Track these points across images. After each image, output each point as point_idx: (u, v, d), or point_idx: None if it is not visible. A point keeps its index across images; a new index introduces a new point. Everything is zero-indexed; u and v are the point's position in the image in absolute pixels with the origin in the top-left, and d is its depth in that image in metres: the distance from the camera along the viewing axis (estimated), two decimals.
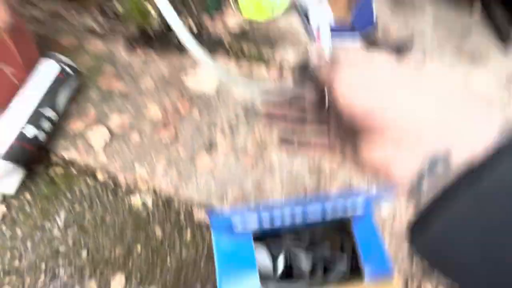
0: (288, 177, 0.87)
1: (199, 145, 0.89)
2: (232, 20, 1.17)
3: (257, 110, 0.98)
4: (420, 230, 0.17)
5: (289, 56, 1.11)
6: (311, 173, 0.89)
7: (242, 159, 0.88)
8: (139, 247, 0.73)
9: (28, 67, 0.81)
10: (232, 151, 0.89)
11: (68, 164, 0.82)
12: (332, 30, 1.15)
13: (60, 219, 0.74)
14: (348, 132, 0.23)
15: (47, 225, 0.72)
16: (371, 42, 1.20)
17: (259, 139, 0.93)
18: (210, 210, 0.78)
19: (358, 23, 1.14)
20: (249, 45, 1.10)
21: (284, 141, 0.30)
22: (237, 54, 1.11)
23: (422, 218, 0.17)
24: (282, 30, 1.22)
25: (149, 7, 0.93)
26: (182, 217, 0.78)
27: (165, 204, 0.80)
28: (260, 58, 1.11)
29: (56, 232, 0.72)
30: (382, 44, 1.19)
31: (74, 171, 0.81)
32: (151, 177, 0.82)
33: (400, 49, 1.20)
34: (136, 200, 0.79)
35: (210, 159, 0.86)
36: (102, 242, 0.72)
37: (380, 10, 1.41)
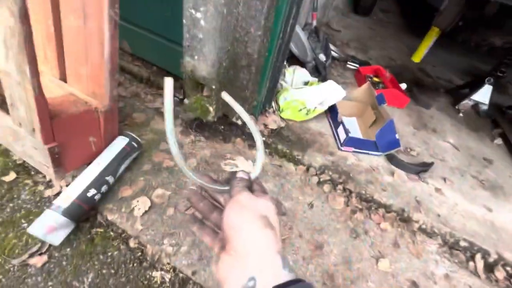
0: None
1: None
2: (271, 118, 1.39)
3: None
4: None
5: (316, 160, 1.25)
6: (324, 283, 0.90)
7: None
8: None
9: (108, 139, 1.01)
10: None
11: (108, 225, 0.92)
12: (359, 141, 1.31)
13: (88, 280, 0.80)
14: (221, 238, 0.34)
15: (75, 284, 0.79)
16: (394, 161, 1.32)
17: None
18: None
19: (381, 143, 1.29)
20: (282, 145, 1.27)
21: (194, 218, 0.40)
22: (271, 152, 1.28)
23: None
24: (313, 133, 1.40)
25: (210, 107, 1.16)
26: None
27: (181, 284, 0.84)
28: (291, 159, 1.26)
29: None
30: (403, 165, 1.30)
31: (111, 234, 0.91)
32: (175, 254, 0.89)
33: (419, 171, 1.30)
34: (156, 275, 0.85)
35: None
36: None
37: (404, 131, 1.59)
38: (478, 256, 1.07)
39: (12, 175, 0.97)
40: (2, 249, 0.81)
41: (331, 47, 2.05)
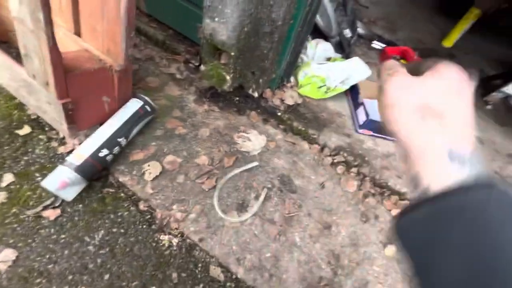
0: (305, 260, 0.89)
1: (233, 203, 0.96)
2: (289, 93, 1.33)
3: (293, 185, 1.05)
4: (397, 220, 0.25)
5: (331, 140, 1.21)
6: (329, 262, 0.90)
7: (267, 228, 0.93)
8: None
9: (121, 101, 0.99)
10: (260, 218, 0.95)
11: (119, 187, 0.93)
12: (378, 124, 1.25)
13: (98, 237, 0.82)
14: None
15: (86, 239, 0.81)
16: None
17: (287, 214, 0.98)
18: None
19: None
20: (298, 122, 1.23)
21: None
22: (286, 128, 1.24)
23: (401, 212, 0.25)
24: (330, 112, 1.35)
25: (227, 76, 1.11)
26: (198, 269, 0.83)
27: (188, 250, 0.86)
28: (306, 137, 1.22)
29: (91, 248, 0.80)
30: None
31: (122, 195, 0.91)
32: (183, 220, 0.89)
33: None
34: (164, 238, 0.86)
35: (239, 219, 0.92)
36: (124, 271, 0.78)
37: None
38: None
39: (26, 129, 0.98)
40: (17, 199, 0.83)
41: (358, 23, 1.91)
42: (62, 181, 0.81)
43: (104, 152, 0.88)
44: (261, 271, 0.84)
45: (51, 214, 0.82)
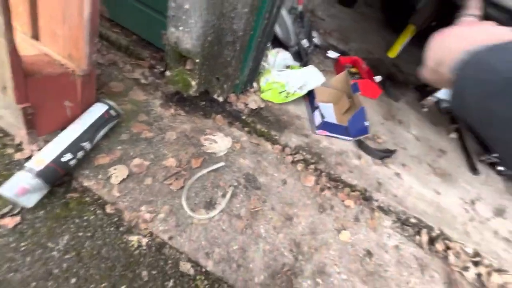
0: (269, 249, 0.97)
1: (201, 201, 1.01)
2: (252, 98, 1.42)
3: (258, 182, 1.13)
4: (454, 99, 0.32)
5: (292, 141, 1.32)
6: (291, 250, 1.00)
7: (234, 223, 1.00)
8: None
9: (84, 106, 0.98)
10: (227, 214, 1.01)
11: (84, 191, 0.93)
12: (333, 125, 1.40)
13: (63, 242, 0.81)
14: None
15: (50, 245, 0.80)
16: (362, 146, 1.43)
17: (253, 209, 1.06)
18: None
19: (352, 129, 1.39)
20: (261, 125, 1.32)
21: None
22: (250, 130, 1.33)
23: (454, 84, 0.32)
24: (291, 115, 1.47)
25: (192, 81, 1.17)
26: (168, 266, 0.86)
27: (157, 248, 0.89)
28: (269, 138, 1.32)
29: (55, 253, 0.79)
30: (369, 150, 1.42)
31: (88, 199, 0.91)
32: (152, 220, 0.92)
33: (383, 156, 1.43)
34: (133, 239, 0.88)
35: (207, 216, 0.98)
36: (92, 274, 0.79)
37: (373, 120, 1.71)
38: (424, 231, 1.23)
39: None
40: None
41: (314, 34, 2.10)
42: (21, 187, 0.79)
43: (67, 157, 0.88)
44: (229, 262, 0.91)
45: (9, 222, 0.80)
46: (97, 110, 1.00)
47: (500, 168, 1.73)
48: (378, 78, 1.97)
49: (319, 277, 0.96)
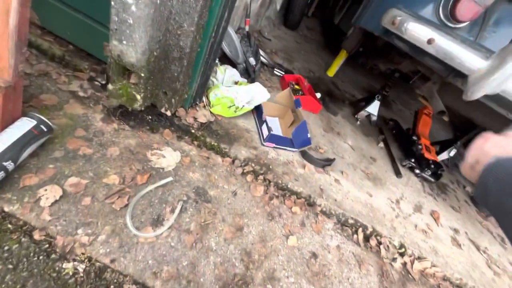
0: (220, 261, 0.98)
1: (147, 219, 0.97)
2: (201, 112, 1.44)
3: (208, 195, 1.14)
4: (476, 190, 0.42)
5: (241, 153, 1.37)
6: (242, 259, 1.02)
7: (183, 238, 0.98)
8: None
9: (6, 121, 0.88)
10: (176, 230, 0.99)
11: (5, 218, 0.81)
12: (279, 138, 1.49)
13: None
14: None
15: None
16: (306, 156, 1.56)
17: (203, 222, 1.06)
18: None
19: (296, 140, 1.51)
20: (211, 138, 1.35)
21: None
22: (200, 144, 1.34)
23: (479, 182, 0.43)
24: (240, 129, 1.53)
25: (137, 95, 1.14)
26: None
27: (97, 273, 0.82)
28: (219, 151, 1.35)
29: None
30: (312, 159, 1.56)
31: (9, 226, 0.80)
32: (91, 243, 0.85)
33: (324, 165, 1.58)
34: (67, 266, 0.80)
35: (154, 233, 0.94)
36: None
37: (315, 132, 1.88)
38: (360, 230, 1.38)
39: None
40: None
41: (261, 53, 2.24)
42: None
43: None
44: (178, 279, 0.88)
45: None
46: (23, 125, 0.90)
47: (417, 171, 2.06)
48: (318, 95, 2.19)
49: (269, 283, 1.00)
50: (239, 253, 1.03)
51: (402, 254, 1.40)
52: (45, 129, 0.95)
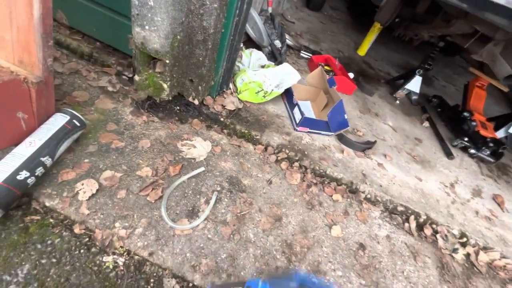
0: (261, 254, 0.92)
1: (182, 210, 0.94)
2: (229, 99, 1.38)
3: (242, 184, 1.08)
4: None
5: (274, 140, 1.29)
6: (283, 251, 0.94)
7: (220, 230, 0.93)
8: None
9: (42, 116, 0.88)
10: (212, 221, 0.94)
11: (47, 212, 0.82)
12: (313, 121, 1.38)
13: (22, 273, 0.70)
14: None
15: (6, 278, 0.68)
16: (344, 140, 1.43)
17: (239, 213, 1.00)
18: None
19: (332, 123, 1.38)
20: (241, 126, 1.28)
21: None
22: (230, 132, 1.27)
23: None
24: (270, 114, 1.44)
25: (164, 84, 1.10)
26: (151, 285, 0.77)
27: (137, 267, 0.79)
28: (250, 139, 1.27)
29: (13, 287, 0.67)
30: (350, 143, 1.42)
31: (51, 221, 0.80)
32: (129, 236, 0.83)
33: (364, 148, 1.44)
34: (107, 259, 0.78)
35: (190, 225, 0.90)
36: None
37: (351, 114, 1.73)
38: (411, 218, 1.23)
39: None
40: None
41: (286, 36, 2.11)
42: None
43: (24, 174, 0.77)
44: (218, 273, 0.83)
45: None
46: (57, 120, 0.90)
47: (472, 151, 1.82)
48: (351, 75, 2.01)
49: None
50: (279, 245, 0.96)
51: (463, 244, 1.22)
52: (78, 124, 0.95)
